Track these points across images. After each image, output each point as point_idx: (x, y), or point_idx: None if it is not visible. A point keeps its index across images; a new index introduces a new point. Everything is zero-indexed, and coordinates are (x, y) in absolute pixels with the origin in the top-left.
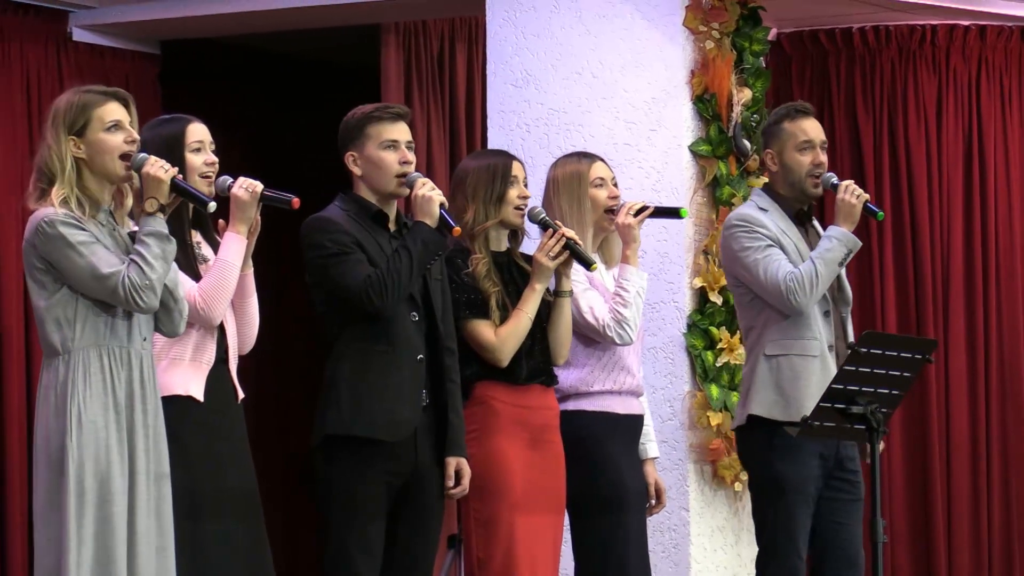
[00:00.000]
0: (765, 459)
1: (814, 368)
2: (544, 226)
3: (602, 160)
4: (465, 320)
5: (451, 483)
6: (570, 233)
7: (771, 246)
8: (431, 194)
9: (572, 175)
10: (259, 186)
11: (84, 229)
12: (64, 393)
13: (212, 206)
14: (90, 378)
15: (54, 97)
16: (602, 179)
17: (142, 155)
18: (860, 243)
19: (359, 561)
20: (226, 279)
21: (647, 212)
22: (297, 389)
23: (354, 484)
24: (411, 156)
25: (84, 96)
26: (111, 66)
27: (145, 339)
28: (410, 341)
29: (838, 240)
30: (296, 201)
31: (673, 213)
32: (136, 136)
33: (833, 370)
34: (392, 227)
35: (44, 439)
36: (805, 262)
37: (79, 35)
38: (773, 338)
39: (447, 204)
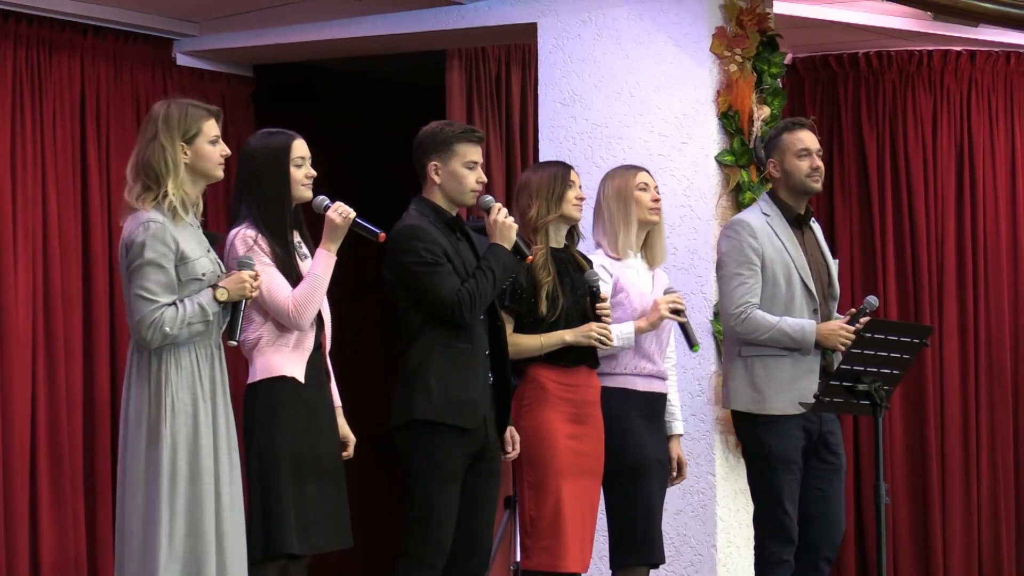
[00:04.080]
0: (754, 435)
1: (784, 366)
2: (593, 295)
3: (647, 171)
4: (501, 308)
5: (509, 448)
6: (605, 309)
7: (749, 263)
8: (509, 221)
9: (621, 181)
10: (352, 214)
11: (170, 247)
12: (159, 384)
13: (382, 236)
14: (181, 371)
15: (157, 106)
16: (646, 184)
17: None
18: (810, 344)
19: (443, 525)
20: (317, 291)
21: (678, 317)
22: (374, 372)
23: (441, 460)
24: (484, 177)
25: (192, 109)
26: (209, 87)
27: (222, 329)
28: (481, 339)
29: (792, 340)
30: (382, 236)
31: (688, 339)
32: (228, 151)
33: (805, 365)
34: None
35: (137, 423)
36: (772, 318)
37: (182, 60)
38: (747, 341)
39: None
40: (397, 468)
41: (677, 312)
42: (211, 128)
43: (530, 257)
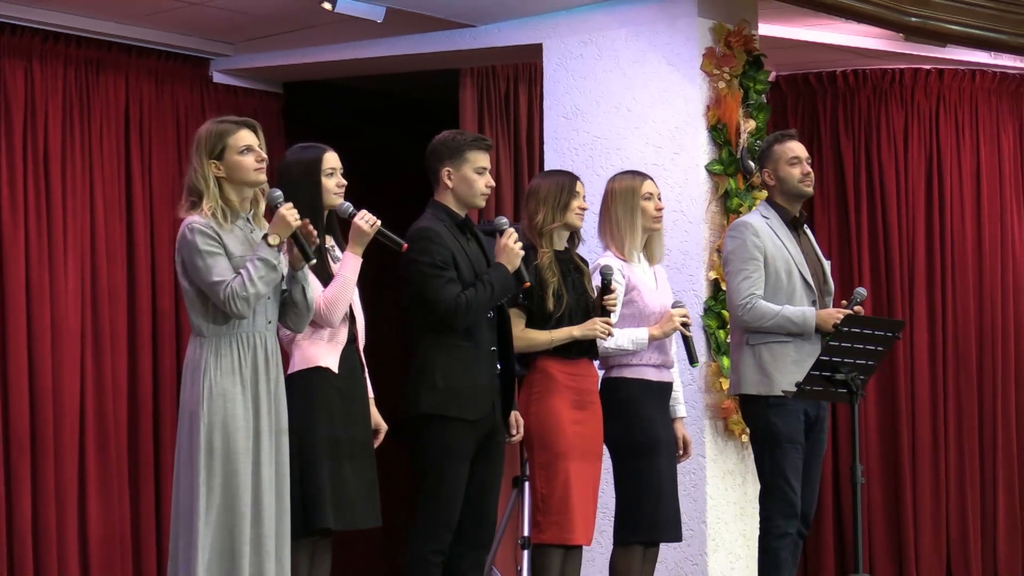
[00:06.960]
0: (763, 416)
1: (788, 351)
2: (605, 287)
3: (651, 179)
4: (515, 306)
5: (513, 431)
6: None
7: (753, 259)
8: (517, 248)
9: (627, 189)
10: (378, 223)
11: (216, 239)
12: (198, 369)
13: (405, 247)
14: (221, 359)
15: (198, 128)
16: (651, 193)
17: (278, 194)
18: (811, 328)
19: (451, 504)
20: (345, 291)
21: (685, 331)
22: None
23: (448, 448)
24: (492, 182)
25: (219, 126)
26: (243, 103)
27: (270, 322)
28: (486, 336)
29: (794, 324)
30: (406, 246)
31: (690, 354)
32: (265, 156)
33: (807, 349)
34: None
35: (184, 406)
36: (775, 307)
37: (218, 78)
38: (754, 330)
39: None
40: (409, 453)
41: (685, 326)
42: (239, 139)
43: (527, 283)
